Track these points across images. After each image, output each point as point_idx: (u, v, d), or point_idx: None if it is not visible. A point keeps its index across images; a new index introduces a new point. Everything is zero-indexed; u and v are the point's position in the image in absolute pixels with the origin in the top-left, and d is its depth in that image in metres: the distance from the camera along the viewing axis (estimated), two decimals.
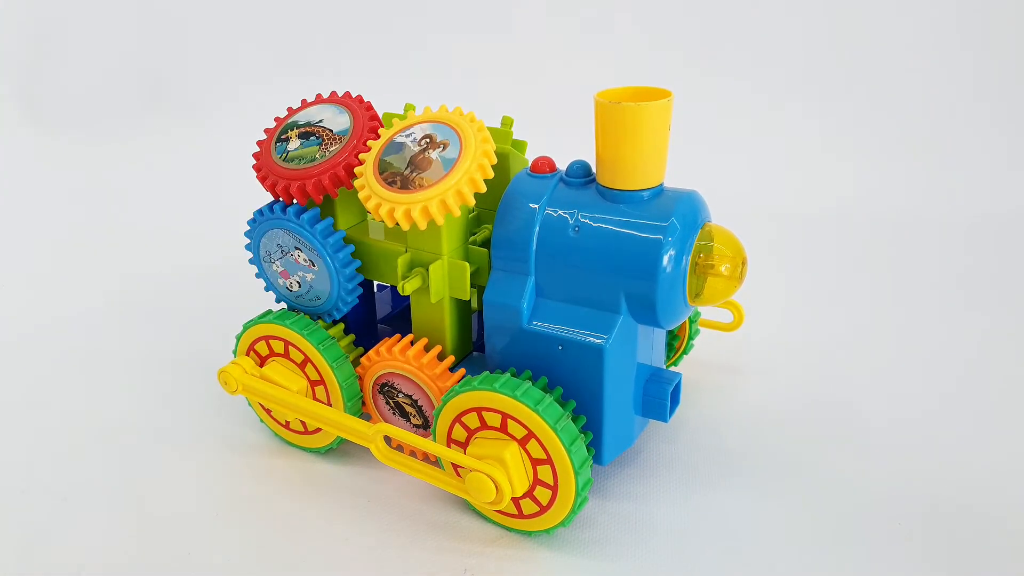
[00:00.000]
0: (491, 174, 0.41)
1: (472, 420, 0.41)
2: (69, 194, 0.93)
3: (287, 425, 0.49)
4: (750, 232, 0.84)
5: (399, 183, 0.41)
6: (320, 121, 0.45)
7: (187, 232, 0.83)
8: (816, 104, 0.98)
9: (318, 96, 0.47)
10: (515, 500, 0.42)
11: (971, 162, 0.91)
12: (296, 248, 0.45)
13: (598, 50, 1.04)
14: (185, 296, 0.70)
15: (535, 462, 0.40)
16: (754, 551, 0.42)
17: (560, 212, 0.42)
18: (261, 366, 0.48)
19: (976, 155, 0.92)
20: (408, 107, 0.49)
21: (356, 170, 0.42)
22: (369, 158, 0.42)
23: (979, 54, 0.97)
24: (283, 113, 0.48)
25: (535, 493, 0.41)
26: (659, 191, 0.41)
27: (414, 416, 0.46)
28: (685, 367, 0.57)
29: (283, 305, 0.51)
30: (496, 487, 0.39)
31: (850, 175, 0.92)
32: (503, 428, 0.40)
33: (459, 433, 0.42)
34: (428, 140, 0.42)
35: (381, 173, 0.41)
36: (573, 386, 0.42)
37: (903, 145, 0.94)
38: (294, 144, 0.45)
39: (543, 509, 0.41)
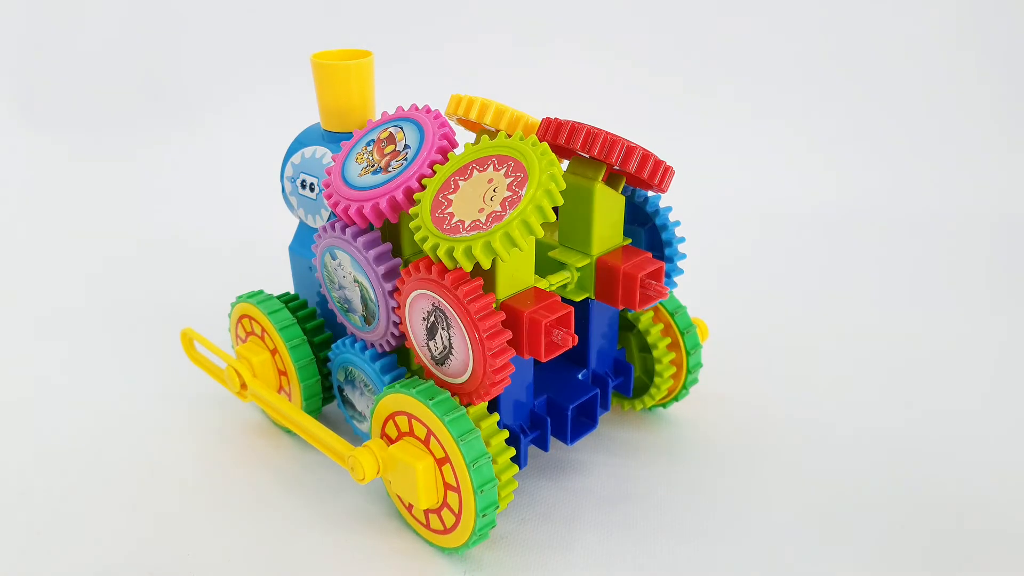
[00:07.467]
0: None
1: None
2: (67, 194, 0.92)
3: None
4: (745, 232, 0.83)
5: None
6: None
7: (187, 233, 0.83)
8: (813, 104, 0.99)
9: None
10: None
11: (966, 162, 0.92)
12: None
13: (594, 51, 1.03)
14: (185, 296, 0.70)
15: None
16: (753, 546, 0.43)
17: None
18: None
19: (971, 155, 0.93)
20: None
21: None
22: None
23: (975, 53, 0.97)
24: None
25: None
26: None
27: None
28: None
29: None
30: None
31: (845, 176, 0.92)
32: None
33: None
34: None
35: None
36: None
37: (898, 146, 0.95)
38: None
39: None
